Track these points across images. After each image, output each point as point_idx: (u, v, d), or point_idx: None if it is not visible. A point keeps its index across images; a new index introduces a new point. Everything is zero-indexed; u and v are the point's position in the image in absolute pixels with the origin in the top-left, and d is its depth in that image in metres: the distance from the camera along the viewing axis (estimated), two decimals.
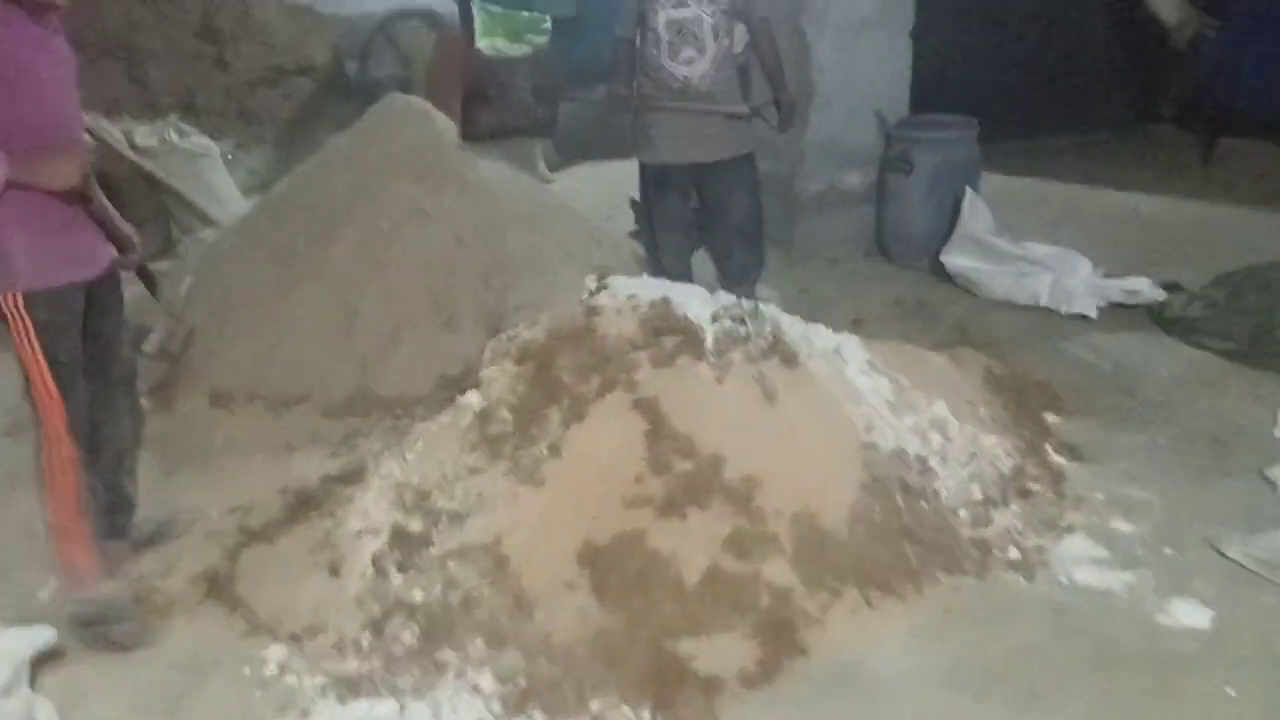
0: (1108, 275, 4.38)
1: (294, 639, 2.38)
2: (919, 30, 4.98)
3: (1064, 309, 4.23)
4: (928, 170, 4.69)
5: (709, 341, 2.77)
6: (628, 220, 5.89)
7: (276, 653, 2.34)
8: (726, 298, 2.97)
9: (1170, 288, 4.24)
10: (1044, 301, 4.29)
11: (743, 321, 2.84)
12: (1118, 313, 4.23)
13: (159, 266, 5.06)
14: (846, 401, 2.83)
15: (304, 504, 2.81)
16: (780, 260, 4.85)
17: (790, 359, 2.81)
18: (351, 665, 2.27)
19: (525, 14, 7.06)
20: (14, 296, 2.34)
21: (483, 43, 6.90)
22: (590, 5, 7.46)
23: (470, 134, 4.16)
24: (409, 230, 3.96)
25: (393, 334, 3.76)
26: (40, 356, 2.37)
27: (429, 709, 2.15)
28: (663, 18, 3.73)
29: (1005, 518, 2.76)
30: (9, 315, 2.35)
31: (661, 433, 2.60)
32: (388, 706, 2.15)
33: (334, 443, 3.35)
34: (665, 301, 2.83)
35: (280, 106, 8.43)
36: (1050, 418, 3.35)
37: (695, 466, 2.57)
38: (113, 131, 5.32)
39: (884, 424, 2.83)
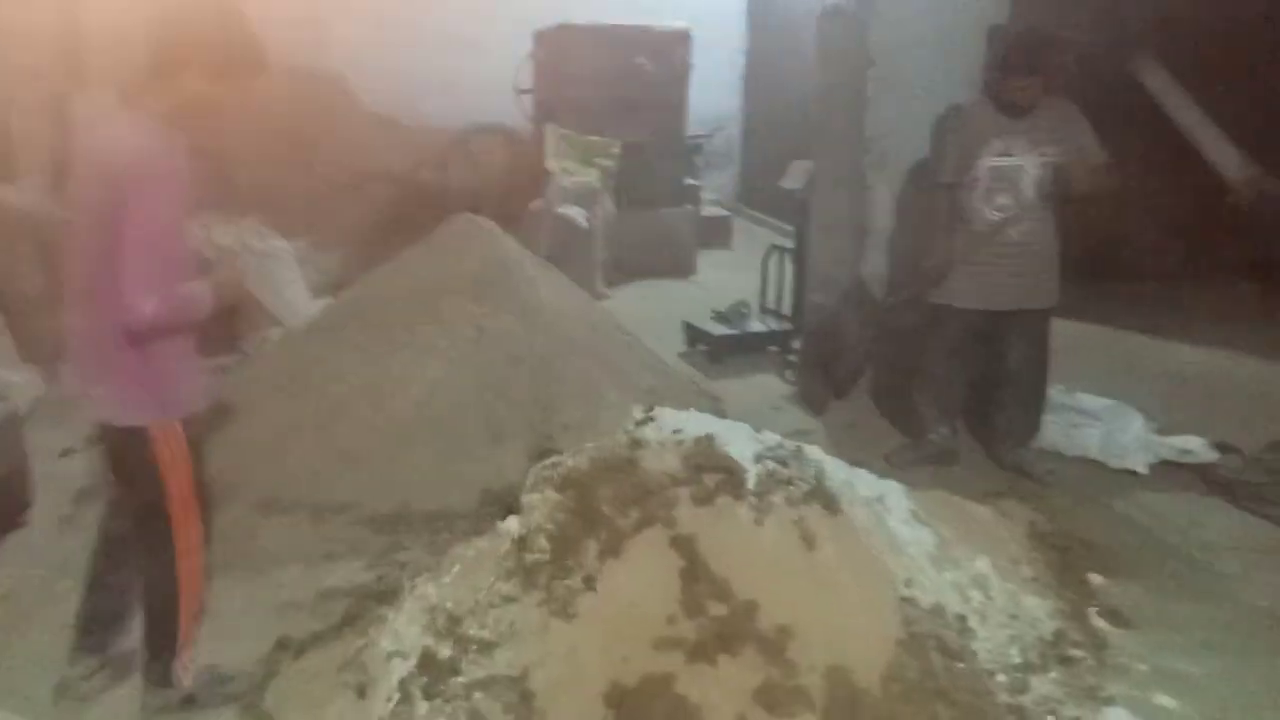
0: (1161, 431, 4.32)
1: None
2: None
3: (1114, 464, 4.17)
4: None
5: (751, 482, 2.78)
6: (678, 341, 6.00)
7: None
8: (770, 437, 2.99)
9: (1225, 449, 4.16)
10: (1093, 454, 4.24)
11: (785, 463, 2.85)
12: (1169, 471, 4.16)
13: (221, 362, 5.26)
14: (887, 552, 2.80)
15: (338, 619, 2.82)
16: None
17: (832, 505, 2.80)
18: None
19: (596, 138, 7.33)
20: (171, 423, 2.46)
21: (552, 164, 7.16)
22: (659, 132, 7.74)
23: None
24: (466, 348, 4.07)
25: (440, 449, 3.83)
26: (186, 477, 2.49)
27: None
28: (985, 165, 3.84)
29: (1044, 685, 2.68)
30: (160, 440, 2.45)
31: (697, 573, 2.59)
32: None
33: (374, 554, 3.39)
34: (709, 438, 2.86)
35: (357, 211, 8.80)
36: (1095, 579, 3.27)
37: (729, 611, 2.54)
38: (192, 233, 5.57)
39: (924, 578, 2.79)
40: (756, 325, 5.84)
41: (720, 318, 5.86)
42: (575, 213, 6.85)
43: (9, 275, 5.11)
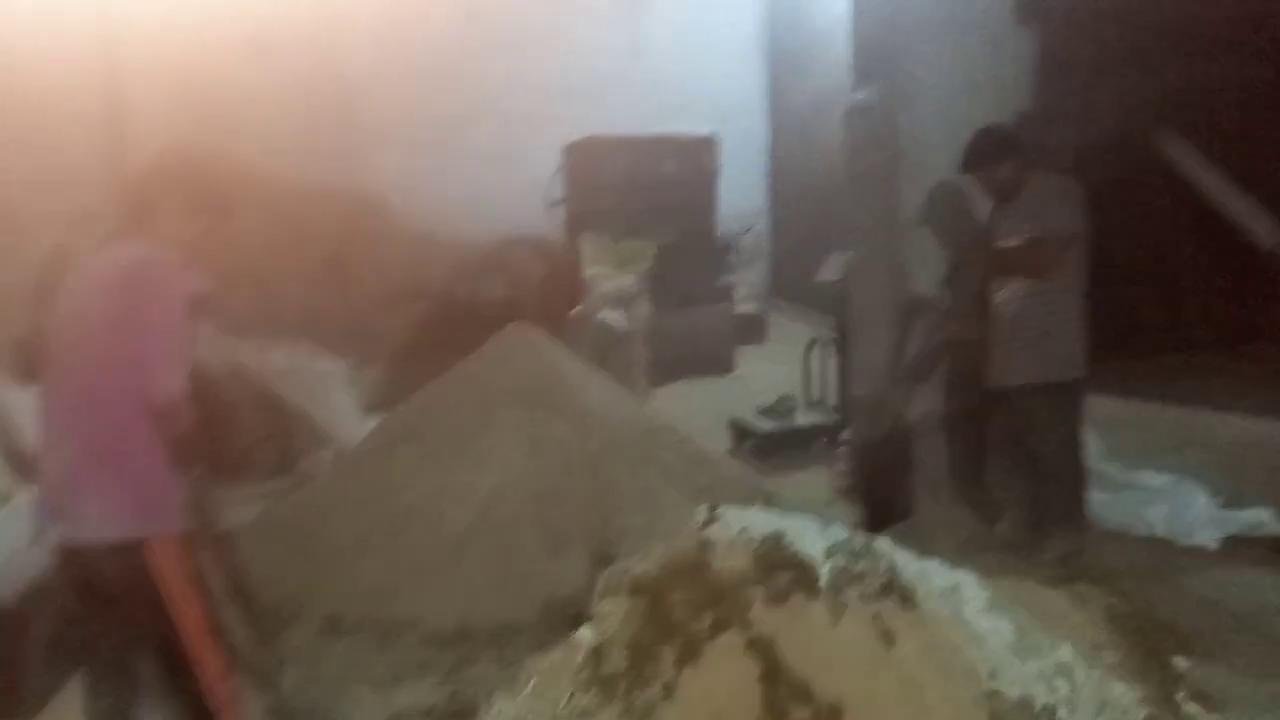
0: (1226, 505, 4.25)
1: None
2: None
3: (1182, 540, 4.09)
4: None
5: (824, 579, 2.76)
6: (723, 439, 6.01)
7: None
8: (839, 532, 2.97)
9: None
10: (1160, 532, 4.16)
11: (857, 558, 2.83)
12: (1240, 545, 4.07)
13: (278, 485, 5.32)
14: (968, 644, 2.75)
15: None
16: None
17: (908, 598, 2.77)
18: None
19: (631, 244, 7.48)
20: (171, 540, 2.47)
21: (590, 271, 7.30)
22: (691, 234, 7.91)
23: None
24: (521, 457, 4.10)
25: (500, 560, 3.83)
26: (197, 601, 2.48)
27: None
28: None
29: None
30: (162, 557, 2.44)
31: (778, 677, 2.55)
32: None
33: (442, 672, 3.36)
34: (778, 535, 2.84)
35: (397, 328, 9.00)
36: (1180, 662, 3.18)
37: (813, 714, 2.50)
38: (246, 357, 5.74)
39: (1008, 669, 2.73)
40: (803, 419, 5.84)
41: (766, 413, 5.87)
42: (615, 317, 6.96)
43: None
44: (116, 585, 2.47)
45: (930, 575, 2.95)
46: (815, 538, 2.90)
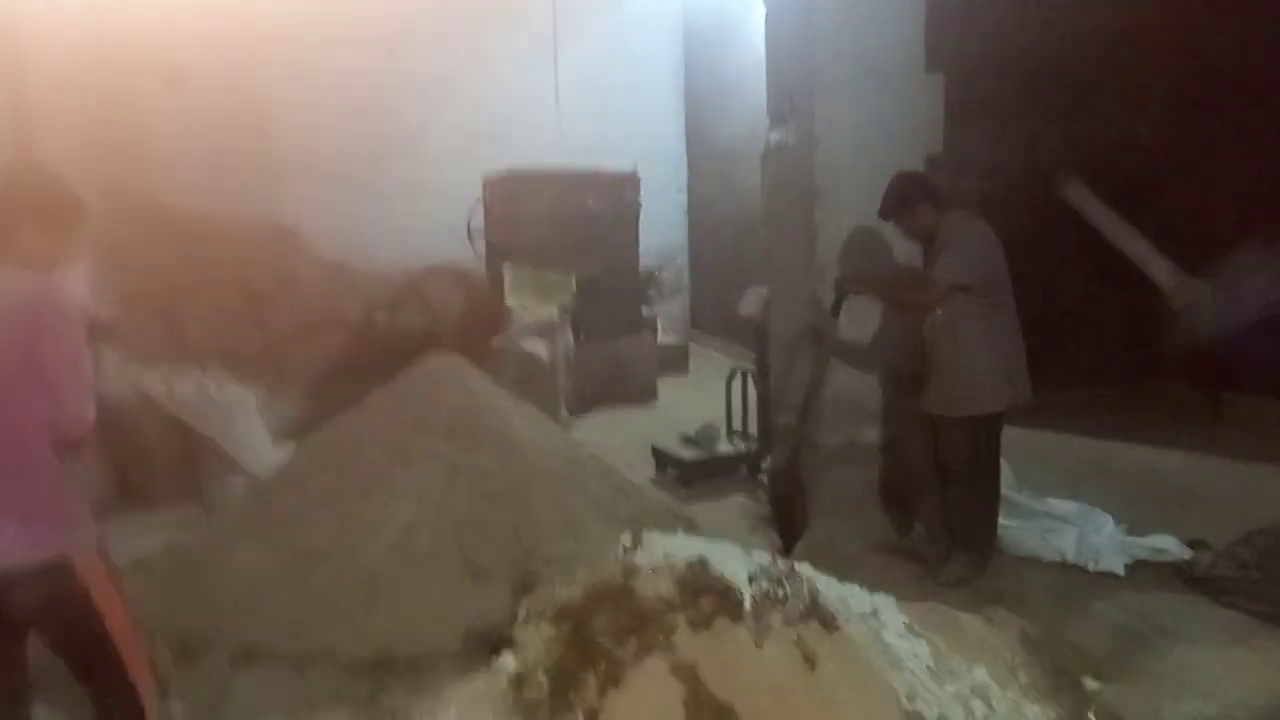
0: (1131, 532, 4.40)
1: None
2: None
3: (1091, 566, 4.22)
4: None
5: (747, 603, 2.77)
6: (647, 468, 6.02)
7: None
8: (762, 557, 2.99)
9: (1196, 545, 4.24)
10: (1070, 558, 4.28)
11: (780, 582, 2.85)
12: (1145, 570, 4.22)
13: (187, 513, 5.15)
14: (887, 668, 2.78)
15: None
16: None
17: (829, 622, 2.79)
18: None
19: (552, 275, 7.48)
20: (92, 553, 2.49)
21: (511, 301, 7.28)
22: (613, 267, 7.95)
23: None
24: (440, 487, 4.04)
25: (419, 591, 3.75)
26: (122, 609, 2.51)
27: None
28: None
29: None
30: (88, 569, 2.47)
31: (701, 700, 2.55)
32: None
33: (357, 701, 3.27)
34: (702, 561, 2.85)
35: (313, 358, 8.83)
36: (1090, 683, 3.27)
37: None
38: (153, 385, 5.55)
39: (926, 692, 2.77)
40: (725, 447, 5.88)
41: (689, 441, 5.90)
42: (536, 346, 6.94)
43: None
44: (41, 605, 2.45)
45: (850, 599, 2.99)
46: (738, 563, 2.92)
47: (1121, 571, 4.17)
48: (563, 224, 7.85)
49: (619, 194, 8.08)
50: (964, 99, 5.30)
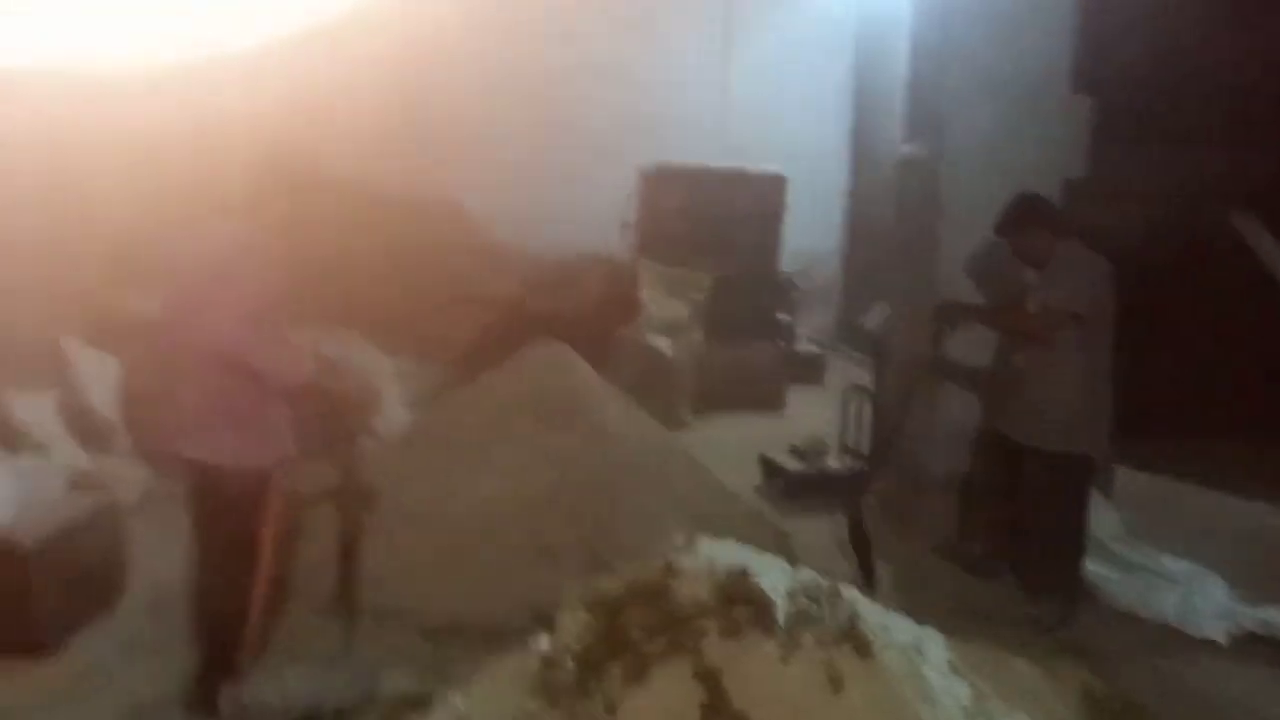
0: (1248, 601, 4.11)
1: None
2: None
3: (1192, 631, 3.98)
4: None
5: (781, 618, 2.79)
6: (754, 475, 6.02)
7: None
8: (807, 575, 2.99)
9: None
10: (1170, 619, 4.05)
11: (819, 602, 2.85)
12: (1254, 645, 3.93)
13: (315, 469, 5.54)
14: (919, 701, 2.74)
15: None
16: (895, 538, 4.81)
17: (864, 648, 2.77)
18: None
19: (687, 272, 7.57)
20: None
21: (643, 295, 7.41)
22: (751, 269, 7.97)
23: None
24: (529, 467, 4.21)
25: (495, 564, 3.93)
26: (278, 519, 3.08)
27: None
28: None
29: None
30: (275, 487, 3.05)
31: (719, 708, 2.59)
32: None
33: (423, 664, 3.47)
34: (743, 571, 2.89)
35: (461, 331, 9.21)
36: None
37: None
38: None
39: None
40: (833, 464, 5.82)
41: (797, 454, 5.87)
42: (662, 343, 7.04)
43: (139, 385, 5.47)
44: (229, 500, 3.03)
45: (893, 629, 2.95)
46: (780, 577, 2.94)
47: (1224, 641, 3.92)
48: (705, 222, 7.93)
49: (763, 195, 8.06)
50: (1117, 122, 5.06)
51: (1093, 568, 4.35)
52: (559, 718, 2.59)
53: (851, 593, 2.98)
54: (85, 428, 4.85)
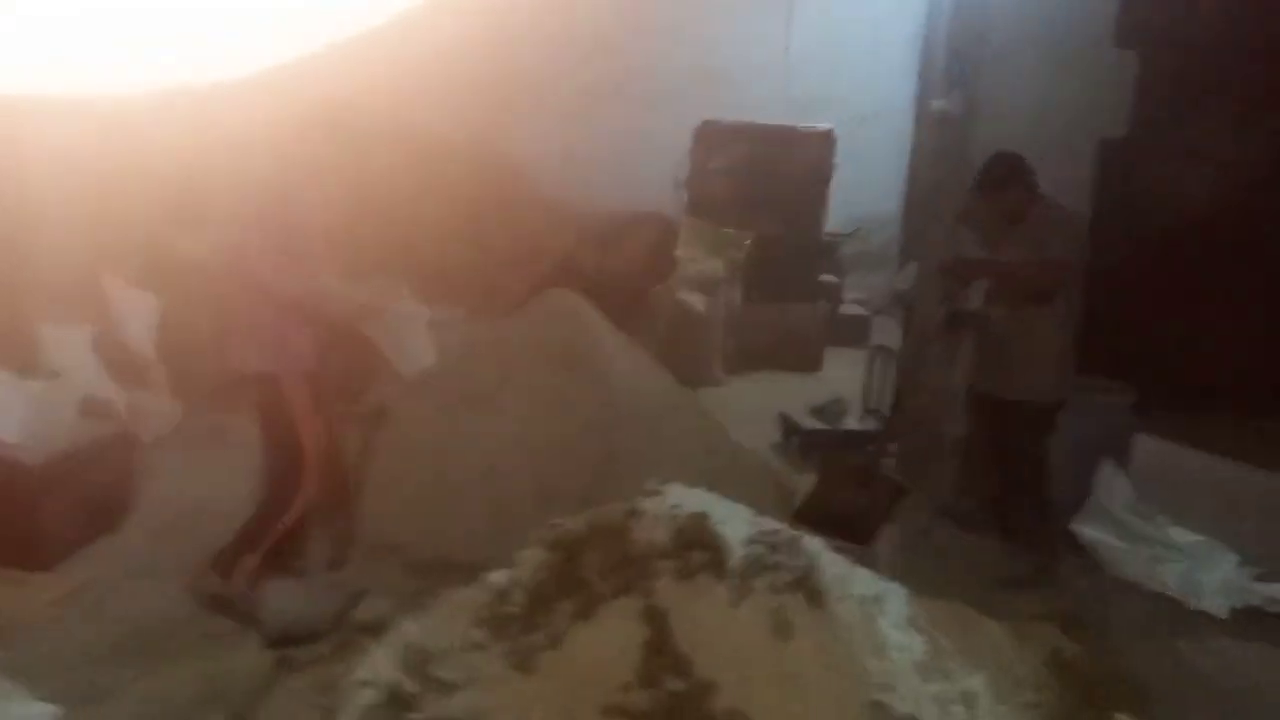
0: (1260, 578, 3.97)
1: None
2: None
3: (1192, 603, 3.87)
4: (1067, 434, 4.48)
5: (734, 563, 2.80)
6: (772, 431, 5.99)
7: None
8: (769, 523, 3.00)
9: None
10: (1171, 591, 3.95)
11: (776, 550, 2.86)
12: (1261, 621, 3.81)
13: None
14: (869, 654, 2.74)
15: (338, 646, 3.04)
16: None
17: (816, 597, 2.78)
18: None
19: (728, 230, 7.52)
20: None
21: (681, 252, 7.40)
22: (794, 228, 7.87)
23: None
24: (534, 413, 4.27)
25: (492, 503, 4.02)
26: (314, 422, 3.45)
27: None
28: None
29: None
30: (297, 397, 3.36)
31: (662, 647, 2.63)
32: None
33: (404, 596, 3.57)
34: (703, 516, 2.91)
35: (517, 284, 9.29)
36: (1121, 718, 3.05)
37: (686, 688, 2.57)
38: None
39: (905, 686, 2.71)
40: (851, 423, 5.77)
41: (816, 413, 5.83)
42: (695, 299, 7.03)
43: (180, 323, 5.68)
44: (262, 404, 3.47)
45: (853, 581, 2.95)
46: (742, 525, 2.95)
47: (1224, 614, 3.81)
48: (752, 179, 7.86)
49: (810, 153, 7.95)
50: (1162, 81, 4.83)
51: (1100, 537, 4.26)
52: (502, 649, 2.66)
53: (814, 544, 2.98)
54: (121, 362, 5.07)
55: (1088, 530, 4.29)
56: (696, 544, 2.83)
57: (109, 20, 4.00)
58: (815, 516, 4.52)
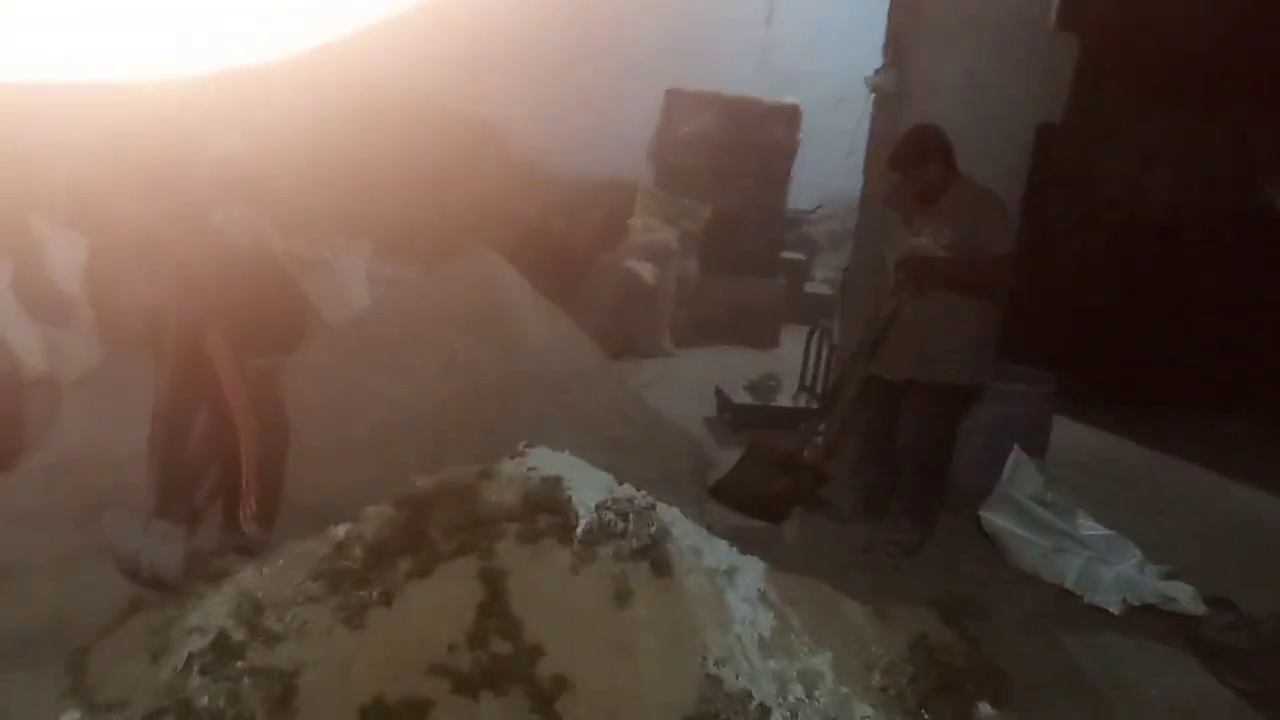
0: (1168, 576, 3.90)
1: (92, 709, 2.52)
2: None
3: (1086, 597, 3.81)
4: (983, 421, 4.43)
5: (580, 529, 2.75)
6: (709, 405, 5.93)
7: (71, 717, 2.48)
8: (625, 490, 2.94)
9: (1219, 604, 3.73)
10: (1069, 584, 3.89)
11: (626, 518, 2.80)
12: (1151, 618, 3.75)
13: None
14: (710, 626, 2.69)
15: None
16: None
17: (663, 567, 2.73)
18: None
19: (684, 200, 7.43)
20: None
21: (633, 221, 7.30)
22: (756, 202, 7.77)
23: None
24: (437, 373, 4.22)
25: (386, 461, 3.97)
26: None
27: None
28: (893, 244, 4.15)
29: None
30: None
31: (494, 609, 2.58)
32: None
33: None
34: (555, 480, 2.86)
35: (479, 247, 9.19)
36: (984, 709, 3.00)
37: (513, 651, 2.53)
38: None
39: (743, 661, 2.66)
40: (783, 400, 5.71)
41: (750, 388, 5.78)
42: (644, 269, 6.95)
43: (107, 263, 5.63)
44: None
45: (708, 552, 2.89)
46: (596, 491, 2.89)
47: (1115, 610, 3.74)
48: (716, 150, 7.75)
49: (775, 127, 7.84)
50: (1097, 65, 4.71)
51: (1004, 525, 4.19)
52: (335, 604, 2.62)
53: (671, 513, 2.93)
54: (44, 301, 5.03)
55: (992, 518, 4.22)
56: (544, 508, 2.78)
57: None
58: (730, 493, 4.52)
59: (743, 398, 5.68)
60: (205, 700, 2.45)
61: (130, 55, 4.41)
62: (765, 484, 4.47)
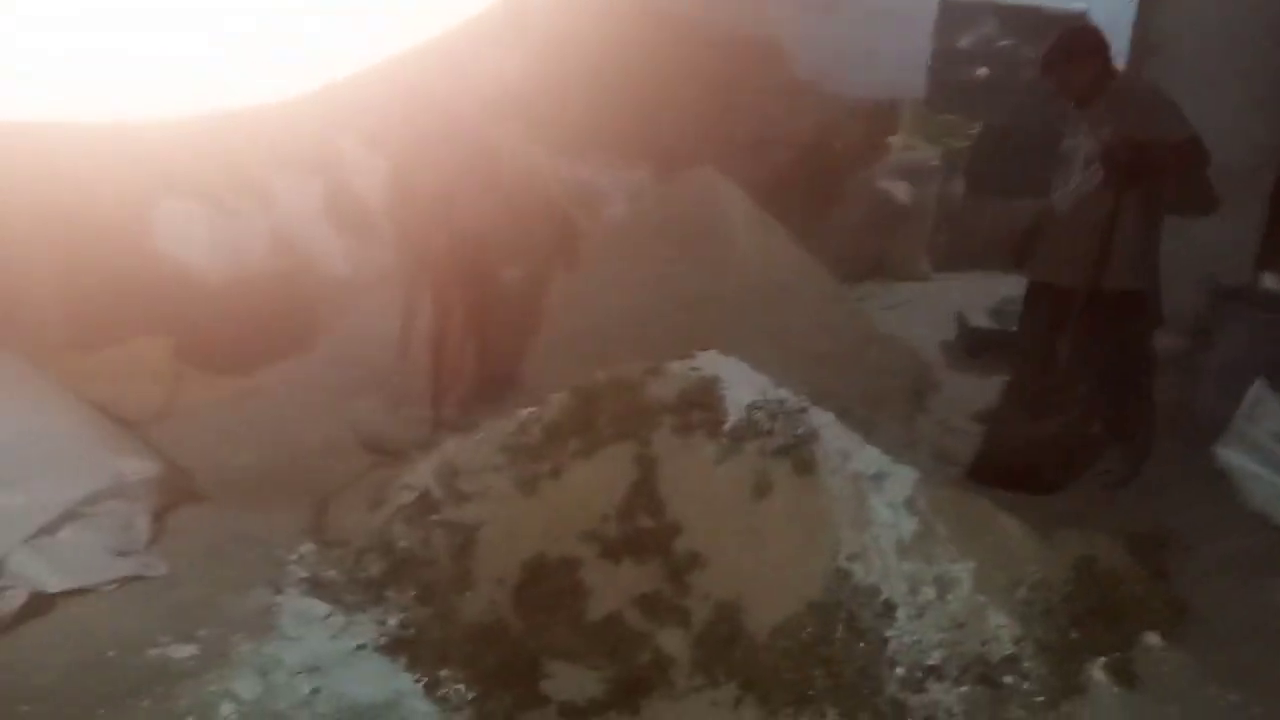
0: None
1: (325, 544, 3.11)
2: None
3: None
4: (1229, 348, 4.06)
5: (729, 425, 2.96)
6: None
7: (307, 548, 3.09)
8: (781, 394, 3.09)
9: None
10: None
11: (774, 417, 2.97)
12: None
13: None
14: (847, 525, 2.82)
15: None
16: None
17: (804, 465, 2.88)
18: (330, 574, 2.93)
19: (950, 117, 7.13)
20: None
21: (895, 139, 7.13)
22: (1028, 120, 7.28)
23: None
24: (643, 281, 4.54)
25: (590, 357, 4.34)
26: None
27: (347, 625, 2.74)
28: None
29: (946, 695, 2.57)
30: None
31: (643, 489, 2.88)
32: (322, 609, 2.78)
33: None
34: (713, 380, 3.08)
35: (760, 170, 9.35)
36: (1151, 639, 2.89)
37: (654, 526, 2.82)
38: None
39: (877, 559, 2.77)
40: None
41: (993, 314, 5.57)
42: (898, 188, 6.79)
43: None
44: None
45: (855, 457, 2.99)
46: (750, 392, 3.08)
47: None
48: (989, 62, 7.33)
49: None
50: None
51: (1241, 463, 3.85)
52: (514, 474, 3.02)
53: (822, 416, 3.05)
54: (350, 213, 5.85)
55: (1226, 454, 3.89)
56: (698, 404, 3.02)
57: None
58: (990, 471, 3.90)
59: (984, 322, 5.51)
60: (404, 544, 2.96)
61: None
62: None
